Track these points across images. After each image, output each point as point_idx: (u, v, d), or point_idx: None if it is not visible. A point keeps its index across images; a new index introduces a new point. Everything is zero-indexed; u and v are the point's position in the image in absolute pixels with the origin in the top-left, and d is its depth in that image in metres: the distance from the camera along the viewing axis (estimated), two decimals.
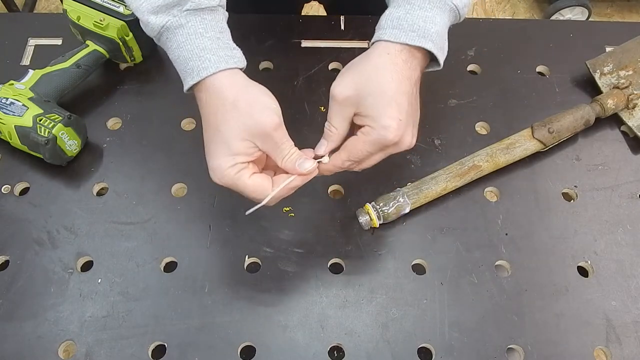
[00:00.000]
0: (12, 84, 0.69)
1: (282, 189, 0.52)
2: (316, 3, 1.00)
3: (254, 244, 0.64)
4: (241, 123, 0.49)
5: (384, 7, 0.56)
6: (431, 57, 0.54)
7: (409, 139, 0.52)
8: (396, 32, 0.52)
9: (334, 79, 0.52)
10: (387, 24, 0.53)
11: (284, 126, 0.50)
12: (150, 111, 0.75)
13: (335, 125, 0.52)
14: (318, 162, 0.53)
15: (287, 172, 0.52)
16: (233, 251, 0.64)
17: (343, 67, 0.77)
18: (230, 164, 0.49)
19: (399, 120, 0.50)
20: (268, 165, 0.55)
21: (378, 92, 0.50)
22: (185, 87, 0.52)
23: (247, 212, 0.53)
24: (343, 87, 0.51)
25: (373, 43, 0.54)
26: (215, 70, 0.49)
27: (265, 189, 0.51)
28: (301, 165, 0.51)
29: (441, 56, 0.53)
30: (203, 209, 0.67)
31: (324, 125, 0.54)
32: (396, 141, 0.51)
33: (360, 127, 0.52)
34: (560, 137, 0.69)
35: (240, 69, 0.52)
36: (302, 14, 0.94)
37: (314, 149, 0.54)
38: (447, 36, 0.54)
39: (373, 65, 0.51)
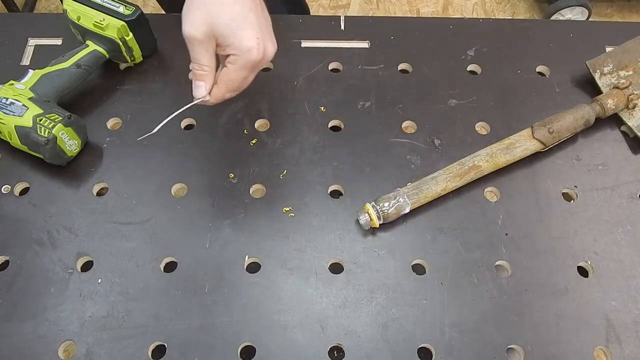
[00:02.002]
0: (12, 84, 0.69)
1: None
2: (316, 3, 1.00)
3: (254, 244, 0.64)
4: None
5: None
6: None
7: (271, 49, 0.55)
8: None
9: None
10: None
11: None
12: (150, 111, 0.75)
13: (203, 62, 0.54)
14: (201, 100, 0.57)
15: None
16: (233, 251, 0.64)
17: (343, 67, 0.78)
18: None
19: (257, 39, 0.53)
20: None
21: (227, 19, 0.52)
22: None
23: (154, 130, 0.58)
24: (195, 25, 0.52)
25: None
26: None
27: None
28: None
29: None
30: (203, 209, 0.67)
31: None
32: (261, 57, 0.54)
33: (225, 56, 0.55)
34: (560, 137, 0.70)
35: None
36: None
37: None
38: None
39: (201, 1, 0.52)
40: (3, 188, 0.68)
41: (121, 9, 0.73)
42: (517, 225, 0.66)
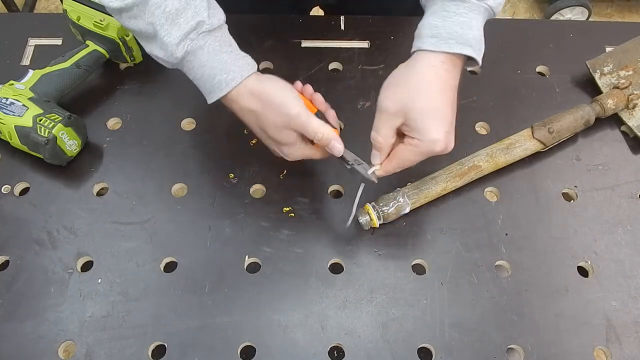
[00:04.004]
0: (12, 84, 0.69)
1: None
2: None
3: (254, 244, 0.64)
4: (273, 121, 0.57)
5: (383, 9, 0.57)
6: (469, 57, 0.56)
7: (452, 145, 0.56)
8: (435, 41, 0.54)
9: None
10: (426, 33, 0.55)
11: (304, 110, 0.57)
12: (150, 111, 0.75)
13: (383, 136, 0.56)
14: (373, 171, 0.58)
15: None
16: (233, 251, 0.64)
17: (343, 67, 0.78)
18: (293, 145, 0.59)
19: (445, 132, 0.54)
20: None
21: (425, 107, 0.53)
22: (213, 99, 0.57)
23: (347, 224, 0.62)
24: (391, 101, 0.54)
25: (413, 52, 0.56)
26: (240, 80, 0.56)
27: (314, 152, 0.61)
28: (334, 146, 0.58)
29: (479, 57, 0.56)
30: (203, 209, 0.67)
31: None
32: (442, 150, 0.55)
33: (404, 135, 0.56)
34: (560, 137, 0.69)
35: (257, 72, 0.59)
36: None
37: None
38: (483, 36, 0.56)
39: (418, 78, 0.54)
40: (3, 188, 0.68)
41: None
42: (517, 225, 0.66)
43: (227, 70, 0.55)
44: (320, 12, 1.02)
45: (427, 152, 0.55)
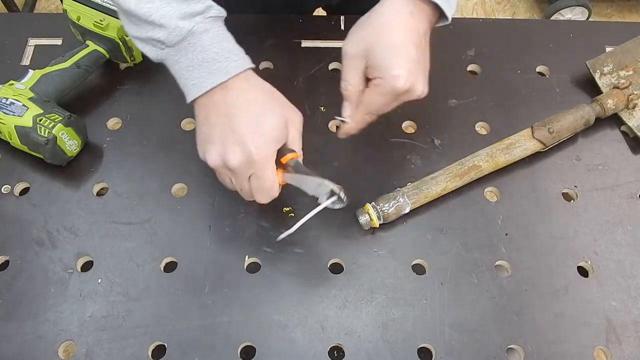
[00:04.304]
0: (12, 84, 0.69)
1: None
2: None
3: (254, 244, 0.64)
4: (282, 113, 0.54)
5: None
6: (440, 13, 0.55)
7: (421, 87, 0.55)
8: None
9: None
10: None
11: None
12: (150, 111, 0.75)
13: (350, 81, 0.55)
14: (341, 121, 0.58)
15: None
16: (233, 251, 0.64)
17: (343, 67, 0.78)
18: (272, 149, 0.53)
19: (408, 69, 0.52)
20: None
21: (386, 43, 0.52)
22: (209, 87, 0.53)
23: (278, 239, 0.60)
24: (353, 43, 0.54)
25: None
26: (242, 69, 0.53)
27: (274, 183, 0.55)
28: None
29: (448, 10, 0.55)
30: (203, 209, 0.67)
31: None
32: (407, 88, 0.53)
33: (372, 80, 0.55)
34: (560, 137, 0.70)
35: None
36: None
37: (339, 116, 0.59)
38: None
39: (380, 19, 0.54)
40: (3, 188, 0.68)
41: None
42: (517, 225, 0.66)
43: (230, 58, 0.53)
44: (323, 13, 1.02)
45: (390, 90, 0.53)
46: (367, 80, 0.56)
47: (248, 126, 0.52)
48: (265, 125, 0.52)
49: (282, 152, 0.55)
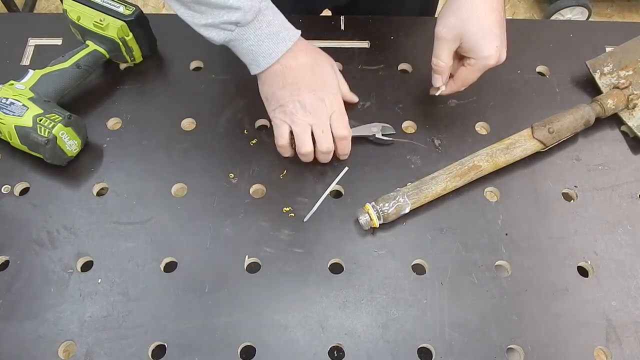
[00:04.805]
0: (12, 84, 0.69)
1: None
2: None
3: (254, 244, 0.64)
4: (332, 65, 0.68)
5: (392, 10, 0.59)
6: None
7: (504, 56, 0.64)
8: None
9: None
10: None
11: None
12: (150, 111, 0.75)
13: (444, 60, 0.65)
14: (439, 91, 0.69)
15: None
16: (233, 251, 0.64)
17: (343, 67, 0.78)
18: (338, 92, 0.67)
19: (496, 47, 0.62)
20: None
21: (476, 29, 0.61)
22: (279, 55, 0.62)
23: (305, 219, 0.66)
24: (447, 28, 0.62)
25: None
26: (298, 36, 0.63)
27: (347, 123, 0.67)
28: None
29: None
30: (203, 209, 0.67)
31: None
32: (495, 62, 0.64)
33: (462, 57, 0.65)
34: (560, 137, 0.69)
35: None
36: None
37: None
38: None
39: (469, 6, 0.61)
40: (3, 188, 0.68)
41: (121, 9, 0.73)
42: (517, 225, 0.66)
43: (287, 27, 0.63)
44: (329, 14, 1.02)
45: (483, 67, 0.64)
46: (457, 56, 0.66)
47: (318, 81, 0.64)
48: (329, 77, 0.66)
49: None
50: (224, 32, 0.60)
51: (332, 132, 0.65)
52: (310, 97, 0.63)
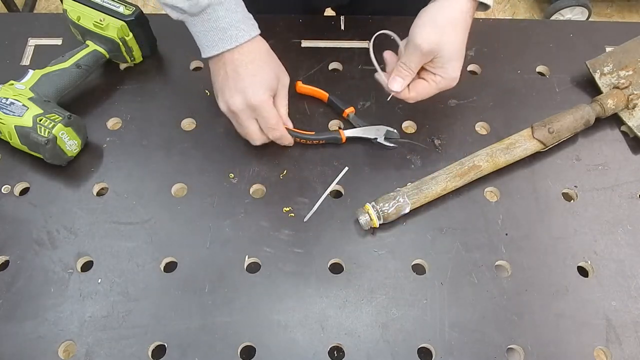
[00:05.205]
0: (12, 84, 0.69)
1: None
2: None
3: (254, 244, 0.64)
4: (276, 69, 0.67)
5: (394, 10, 0.60)
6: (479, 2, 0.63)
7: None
8: None
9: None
10: None
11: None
12: (150, 111, 0.75)
13: (413, 69, 0.63)
14: (393, 93, 0.66)
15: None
16: (233, 251, 0.64)
17: (343, 67, 0.78)
18: (266, 94, 0.65)
19: (460, 69, 0.63)
20: None
21: (453, 49, 0.61)
22: (218, 51, 0.63)
23: (305, 219, 0.66)
24: (426, 41, 0.60)
25: None
26: (249, 38, 0.63)
27: (278, 121, 0.67)
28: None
29: (491, 5, 0.63)
30: (203, 209, 0.67)
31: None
32: (454, 85, 0.64)
33: (423, 69, 0.64)
34: (560, 137, 0.70)
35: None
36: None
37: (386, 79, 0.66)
38: None
39: (449, 19, 0.60)
40: (3, 188, 0.68)
41: (121, 9, 0.73)
42: (517, 225, 0.66)
43: (239, 27, 0.62)
44: (332, 14, 1.02)
45: (445, 87, 0.64)
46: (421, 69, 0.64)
47: (246, 79, 0.63)
48: (260, 77, 0.64)
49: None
50: (176, 13, 0.63)
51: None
52: (232, 99, 0.64)
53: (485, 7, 0.63)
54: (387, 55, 0.67)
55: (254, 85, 0.63)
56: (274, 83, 0.66)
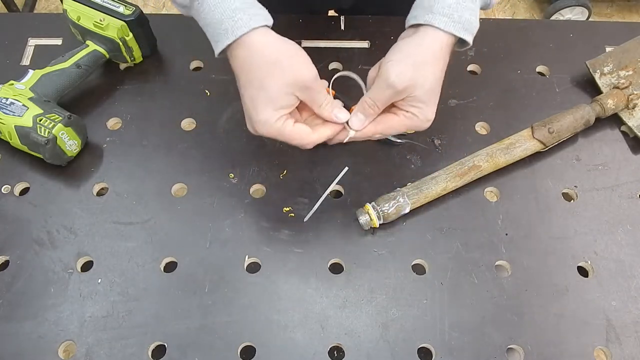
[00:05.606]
0: (12, 84, 0.69)
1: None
2: None
3: (254, 244, 0.64)
4: (285, 79, 0.53)
5: (397, 13, 0.57)
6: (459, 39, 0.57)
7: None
8: (446, 21, 0.54)
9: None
10: (439, 10, 0.54)
11: (318, 77, 0.55)
12: (150, 111, 0.75)
13: (380, 106, 0.55)
14: (348, 129, 0.58)
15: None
16: (233, 251, 0.64)
17: (343, 67, 0.78)
18: (276, 117, 0.54)
19: (434, 111, 0.57)
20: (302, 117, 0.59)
21: (430, 89, 0.55)
22: (220, 49, 0.54)
23: (305, 219, 0.64)
24: (401, 79, 0.53)
25: (420, 25, 0.55)
26: (248, 29, 0.52)
27: (307, 133, 0.56)
28: (337, 115, 0.56)
29: (470, 38, 0.57)
30: (203, 209, 0.67)
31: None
32: (427, 127, 0.57)
33: (394, 105, 0.57)
34: (560, 137, 0.70)
35: (269, 26, 0.55)
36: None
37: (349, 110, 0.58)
38: None
39: (425, 56, 0.54)
40: (3, 188, 0.68)
41: (121, 9, 0.73)
42: (517, 225, 0.66)
43: (235, 17, 0.52)
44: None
45: (417, 127, 0.57)
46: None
47: (252, 100, 0.54)
48: (265, 93, 0.53)
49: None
50: (180, 8, 0.58)
51: None
52: (248, 122, 0.56)
53: (463, 44, 0.57)
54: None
55: (256, 107, 0.53)
56: (285, 99, 0.54)
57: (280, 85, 0.53)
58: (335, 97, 0.58)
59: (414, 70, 0.53)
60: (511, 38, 0.83)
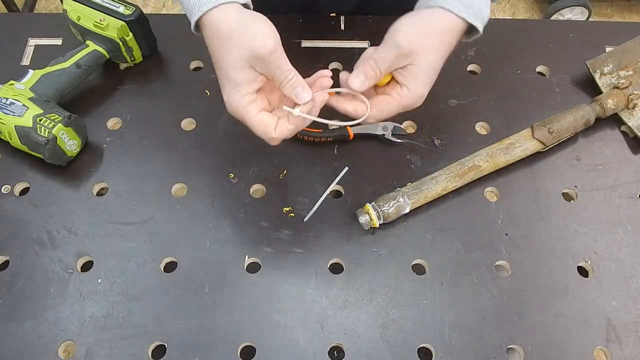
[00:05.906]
0: (12, 84, 0.69)
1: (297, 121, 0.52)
2: None
3: (254, 244, 0.64)
4: (236, 53, 0.49)
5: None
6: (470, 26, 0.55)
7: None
8: (459, 6, 0.53)
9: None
10: None
11: (280, 50, 0.50)
12: (150, 111, 0.75)
13: (382, 69, 0.53)
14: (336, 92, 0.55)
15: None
16: (233, 251, 0.64)
17: (343, 67, 0.78)
18: (237, 96, 0.50)
19: (429, 89, 0.54)
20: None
21: (430, 64, 0.53)
22: (192, 26, 0.52)
23: (305, 219, 0.64)
24: (409, 41, 0.51)
25: (432, 7, 0.53)
26: (215, 4, 0.49)
27: (270, 127, 0.51)
28: (298, 94, 0.51)
29: (481, 32, 0.56)
30: (203, 209, 0.67)
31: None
32: (418, 105, 0.55)
33: (389, 85, 0.55)
34: (560, 137, 0.69)
35: (243, 5, 0.51)
36: None
37: (346, 78, 0.55)
38: None
39: (435, 29, 0.53)
40: (3, 188, 0.68)
41: (121, 9, 0.73)
42: (517, 225, 0.66)
43: None
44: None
45: (409, 105, 0.54)
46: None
47: (220, 80, 0.51)
48: (224, 74, 0.50)
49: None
50: None
51: None
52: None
53: (470, 35, 0.56)
54: (344, 76, 0.56)
55: (222, 88, 0.51)
56: (241, 71, 0.49)
57: (234, 59, 0.49)
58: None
59: (422, 37, 0.52)
60: (511, 38, 0.82)
